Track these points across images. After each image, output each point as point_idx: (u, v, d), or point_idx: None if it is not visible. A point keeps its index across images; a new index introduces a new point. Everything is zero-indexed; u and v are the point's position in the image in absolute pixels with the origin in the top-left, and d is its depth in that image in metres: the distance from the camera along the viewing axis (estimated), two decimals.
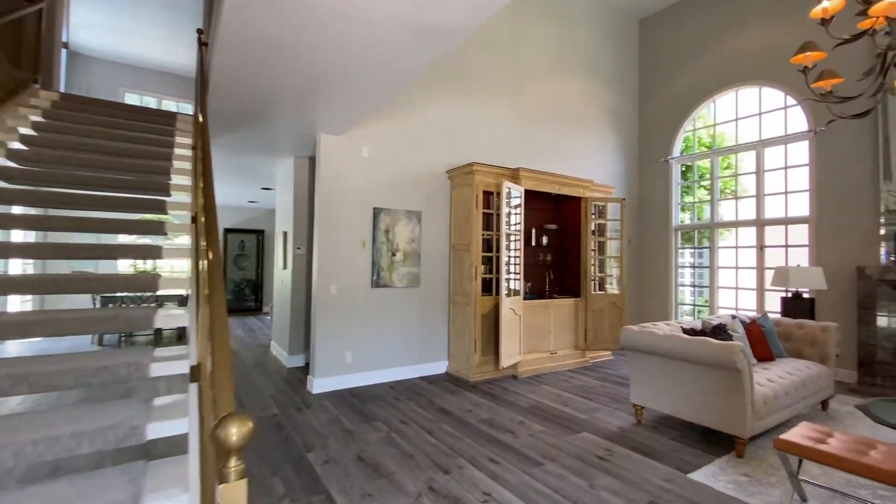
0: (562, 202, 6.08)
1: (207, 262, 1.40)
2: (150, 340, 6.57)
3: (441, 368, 5.10)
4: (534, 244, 5.86)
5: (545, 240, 5.94)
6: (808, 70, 2.88)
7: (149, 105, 7.10)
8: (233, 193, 8.75)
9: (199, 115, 3.07)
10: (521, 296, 4.96)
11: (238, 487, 0.81)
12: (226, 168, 6.33)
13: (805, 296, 4.85)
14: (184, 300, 6.73)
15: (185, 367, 1.88)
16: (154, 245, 2.58)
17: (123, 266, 8.42)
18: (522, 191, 5.01)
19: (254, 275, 10.55)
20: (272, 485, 2.54)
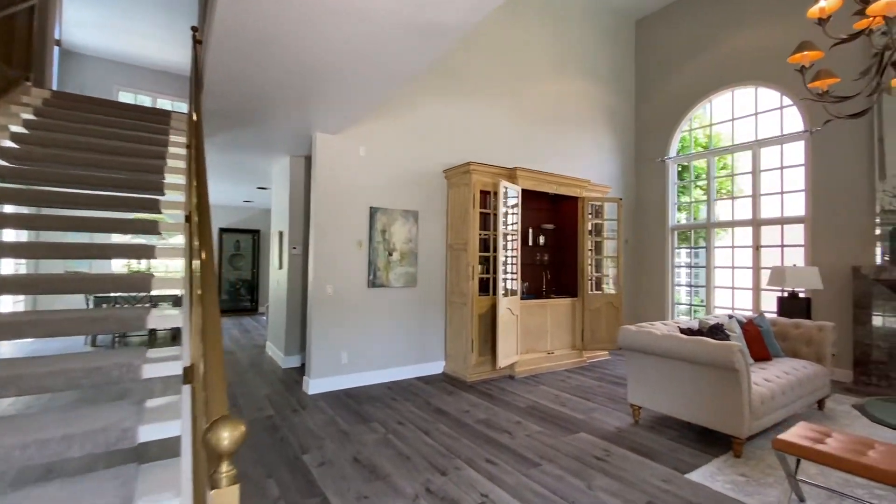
0: (559, 202, 6.07)
1: (200, 262, 1.37)
2: (145, 341, 6.52)
3: (438, 369, 5.08)
4: (531, 244, 5.85)
5: (542, 239, 5.93)
6: (806, 69, 2.89)
7: (143, 104, 7.04)
8: (228, 193, 8.69)
9: (194, 114, 3.05)
10: (519, 296, 4.94)
11: (230, 493, 0.79)
12: (221, 167, 6.28)
13: (801, 295, 4.86)
14: (179, 300, 6.68)
15: (179, 369, 1.85)
16: (147, 245, 2.55)
17: (118, 266, 8.36)
18: (519, 190, 5.00)
19: (249, 275, 10.49)
20: (267, 487, 2.51)
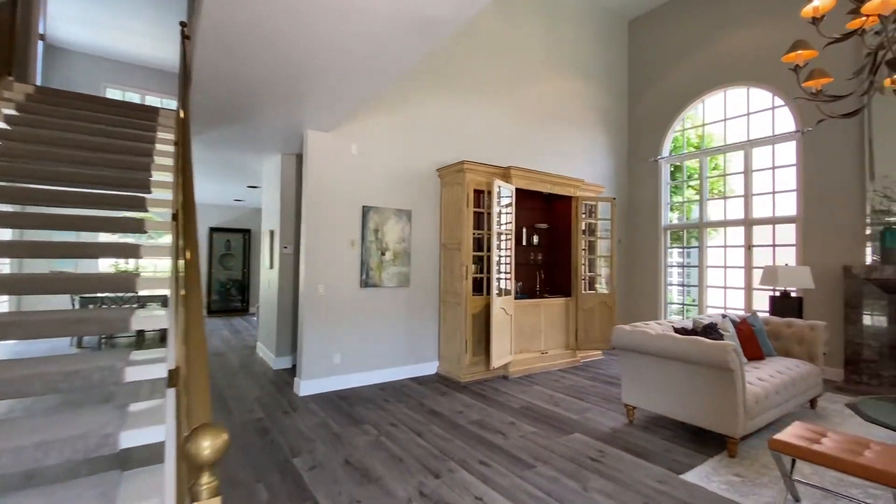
0: (552, 201, 6.05)
1: (185, 262, 1.32)
2: (132, 342, 6.40)
3: (431, 369, 5.04)
4: (525, 243, 5.82)
5: (536, 239, 5.91)
6: (800, 69, 2.88)
7: (132, 101, 6.91)
8: (218, 192, 8.57)
9: (181, 111, 2.97)
10: (513, 295, 4.91)
11: None
12: (211, 165, 6.18)
13: (793, 295, 4.89)
14: (167, 301, 6.57)
15: (164, 371, 1.79)
16: (133, 244, 2.48)
17: (105, 266, 8.21)
18: (513, 189, 4.97)
19: (240, 275, 10.36)
20: (256, 491, 2.45)
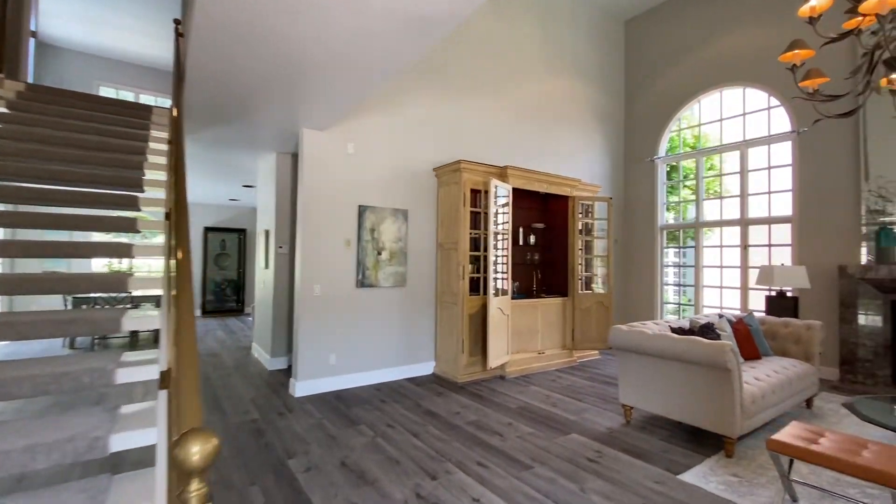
0: (549, 201, 6.04)
1: (176, 262, 1.29)
2: (126, 343, 6.34)
3: (428, 370, 5.01)
4: (521, 243, 5.81)
5: (533, 239, 5.90)
6: (797, 68, 2.88)
7: (125, 99, 6.85)
8: (213, 191, 8.51)
9: (175, 109, 2.93)
10: (509, 295, 4.90)
11: None
12: (206, 164, 6.13)
13: (789, 294, 4.90)
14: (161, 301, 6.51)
15: (156, 373, 1.76)
16: (125, 243, 2.44)
17: (99, 265, 8.14)
18: (510, 189, 4.95)
19: (235, 275, 10.30)
20: (250, 494, 2.42)
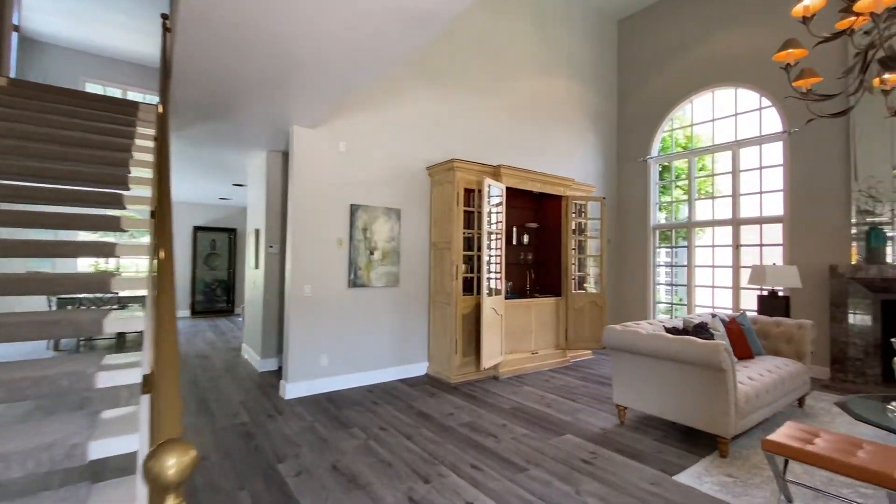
0: (543, 200, 6.02)
1: (158, 262, 1.24)
2: (112, 345, 6.22)
3: (421, 370, 4.97)
4: (515, 243, 5.79)
5: (526, 238, 5.88)
6: (790, 67, 2.88)
7: (112, 96, 6.71)
8: (203, 190, 8.38)
9: (160, 106, 2.87)
10: (503, 295, 4.87)
11: None
12: (195, 162, 6.03)
13: (780, 294, 4.92)
14: None
15: (138, 376, 1.70)
16: (109, 242, 2.37)
17: (85, 265, 7.98)
18: (504, 188, 4.92)
19: (225, 275, 10.16)
20: (239, 499, 2.36)
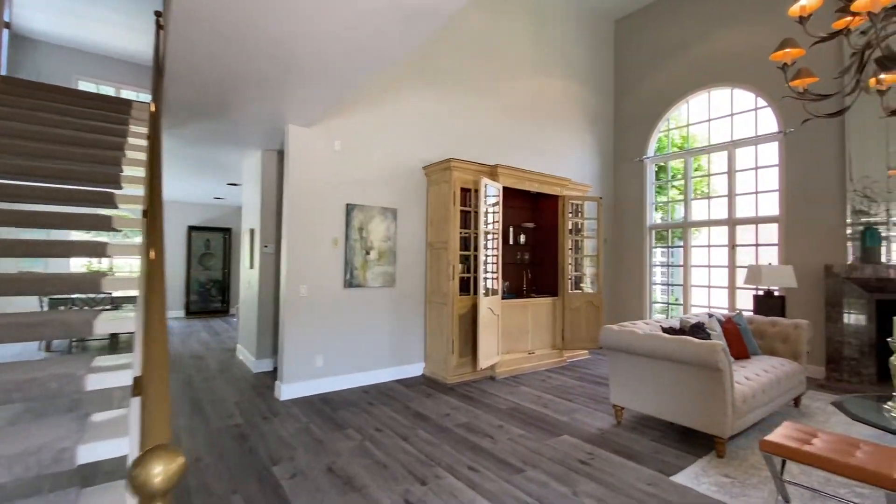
0: (539, 200, 6.01)
1: (148, 262, 1.21)
2: (105, 345, 6.15)
3: (417, 371, 4.94)
4: (511, 243, 5.77)
5: (523, 238, 5.87)
6: (787, 67, 2.88)
7: (105, 94, 6.64)
8: (198, 189, 8.32)
9: (153, 104, 2.82)
10: (500, 295, 4.85)
11: None
12: (189, 161, 5.97)
13: (776, 294, 4.93)
14: None
15: (129, 378, 1.66)
16: (100, 242, 2.33)
17: (78, 265, 7.90)
18: (500, 188, 4.91)
19: (220, 275, 10.09)
20: (232, 503, 2.33)
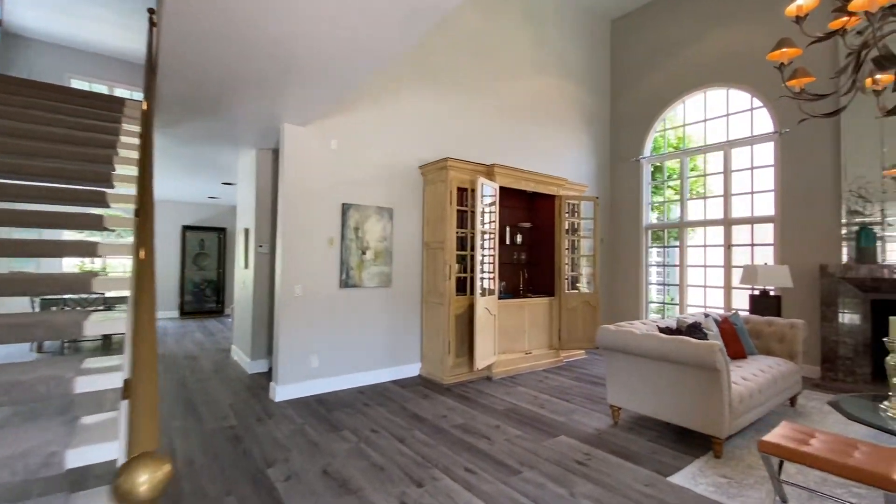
0: (536, 200, 6.00)
1: (137, 262, 1.18)
2: (98, 346, 6.09)
3: (414, 371, 4.92)
4: (508, 243, 5.76)
5: (519, 238, 5.85)
6: (784, 67, 2.88)
7: (98, 92, 6.57)
8: (192, 188, 8.25)
9: (145, 102, 2.79)
10: (496, 295, 4.84)
11: None
12: (183, 160, 5.92)
13: (772, 293, 4.95)
14: None
15: (119, 381, 1.63)
16: (90, 241, 2.30)
17: (70, 265, 7.82)
18: (497, 188, 4.89)
19: (215, 275, 10.02)
20: None
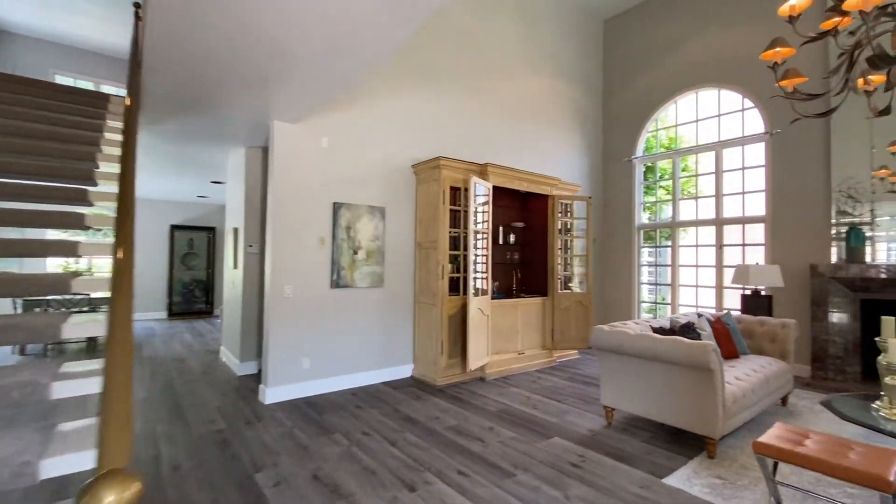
0: (529, 200, 5.98)
1: (114, 262, 1.12)
2: (83, 348, 5.96)
3: (406, 372, 4.87)
4: (501, 242, 5.73)
5: (512, 238, 5.83)
6: (777, 66, 2.87)
7: (83, 87, 6.43)
8: (180, 187, 8.11)
9: (129, 98, 2.71)
10: (489, 295, 4.80)
11: None
12: (171, 158, 5.81)
13: (763, 293, 4.97)
14: None
15: (97, 386, 1.57)
16: (71, 241, 2.22)
17: (54, 265, 7.65)
18: (490, 187, 4.86)
19: (204, 275, 9.87)
20: None
